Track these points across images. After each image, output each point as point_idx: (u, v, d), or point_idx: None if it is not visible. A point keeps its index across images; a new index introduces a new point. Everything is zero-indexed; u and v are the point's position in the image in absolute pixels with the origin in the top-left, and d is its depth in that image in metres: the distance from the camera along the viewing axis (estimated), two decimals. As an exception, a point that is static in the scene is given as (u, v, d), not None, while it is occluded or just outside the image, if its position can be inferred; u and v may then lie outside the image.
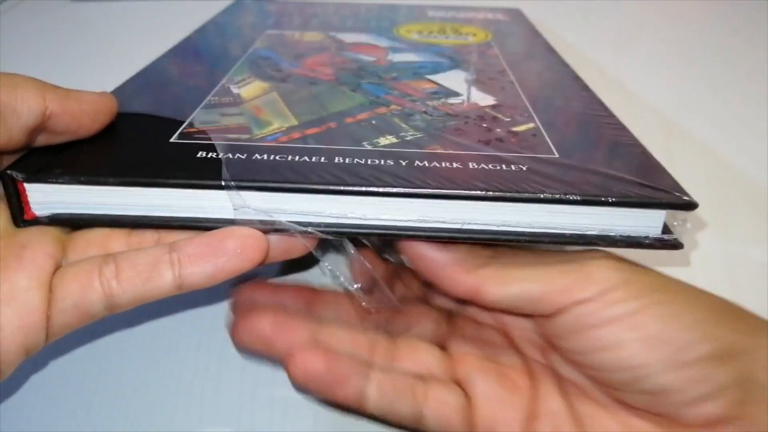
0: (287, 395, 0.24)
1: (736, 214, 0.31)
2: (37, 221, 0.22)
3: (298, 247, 0.22)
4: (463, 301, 0.25)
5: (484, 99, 0.30)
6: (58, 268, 0.21)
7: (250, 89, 0.30)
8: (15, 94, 0.20)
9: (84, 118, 0.22)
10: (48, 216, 0.22)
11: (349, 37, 0.41)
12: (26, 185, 0.21)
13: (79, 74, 0.48)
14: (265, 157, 0.23)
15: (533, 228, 0.22)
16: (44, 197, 0.22)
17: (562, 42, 0.49)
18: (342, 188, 0.21)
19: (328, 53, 0.37)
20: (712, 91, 0.45)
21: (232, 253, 0.21)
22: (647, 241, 0.22)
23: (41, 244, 0.21)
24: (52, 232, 0.22)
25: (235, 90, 0.30)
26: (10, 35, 0.53)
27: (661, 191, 0.22)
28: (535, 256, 0.22)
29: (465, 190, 0.21)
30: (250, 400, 0.25)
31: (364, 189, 0.21)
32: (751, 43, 0.52)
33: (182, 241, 0.21)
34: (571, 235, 0.22)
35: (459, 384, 0.22)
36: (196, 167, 0.22)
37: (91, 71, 0.48)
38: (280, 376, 0.25)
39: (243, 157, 0.22)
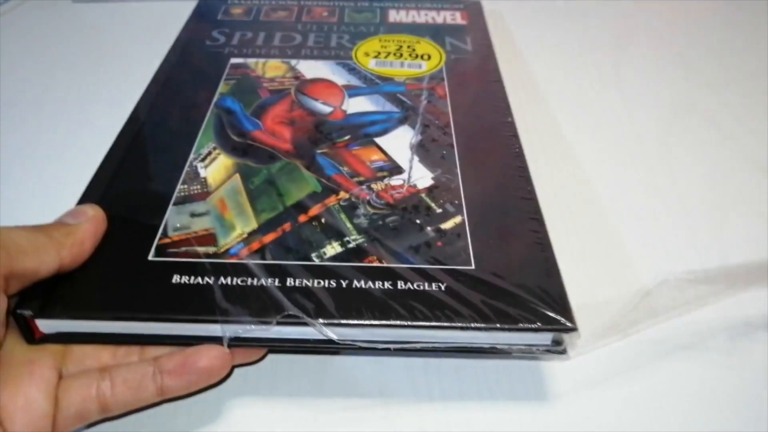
0: (285, 397, 0.28)
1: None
2: (45, 339, 0.27)
3: (255, 354, 0.28)
4: None
5: (423, 178, 0.34)
6: (60, 377, 0.26)
7: (216, 170, 0.34)
8: (39, 260, 0.24)
9: (85, 254, 0.27)
10: (54, 334, 0.27)
11: (309, 68, 0.43)
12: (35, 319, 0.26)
13: (81, 75, 0.50)
14: (229, 281, 0.27)
15: (445, 342, 0.27)
16: (50, 324, 0.27)
17: (515, 38, 0.51)
18: (292, 320, 0.26)
19: (288, 101, 0.39)
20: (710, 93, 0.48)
21: (203, 372, 0.27)
22: (539, 351, 0.28)
23: (46, 359, 0.26)
24: (52, 345, 0.27)
25: (202, 172, 0.34)
26: (11, 36, 0.54)
27: (551, 318, 0.27)
28: None
29: (395, 320, 0.26)
30: (250, 401, 0.28)
31: (314, 322, 0.26)
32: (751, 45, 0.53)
33: (163, 358, 0.27)
34: (475, 347, 0.27)
35: None
36: (175, 297, 0.27)
37: (93, 72, 0.50)
38: (279, 379, 0.29)
39: (210, 282, 0.27)
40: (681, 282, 0.31)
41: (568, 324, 0.27)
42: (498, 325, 0.26)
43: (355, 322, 0.26)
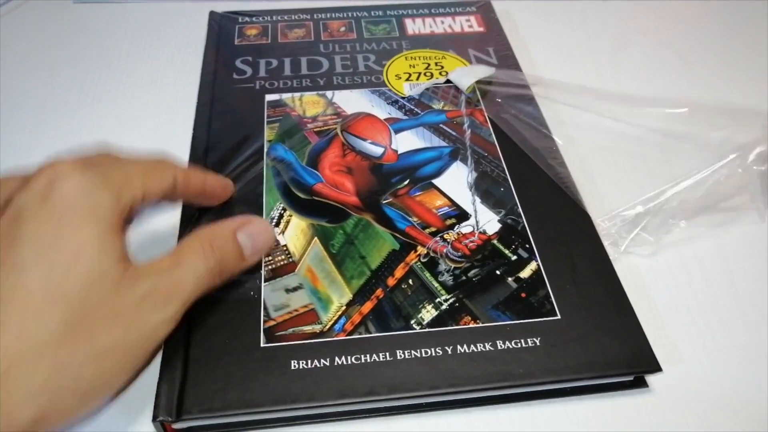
0: None
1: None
2: (178, 434, 0.29)
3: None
4: None
5: (490, 222, 0.36)
6: None
7: (294, 236, 0.35)
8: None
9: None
10: (186, 428, 0.29)
11: (346, 100, 0.43)
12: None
13: (82, 76, 0.49)
14: (344, 360, 0.29)
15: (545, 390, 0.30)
16: (182, 423, 0.28)
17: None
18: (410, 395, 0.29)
19: (338, 143, 0.40)
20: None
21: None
22: (621, 386, 0.31)
23: None
24: None
25: (281, 239, 0.35)
26: (12, 37, 0.53)
27: (638, 360, 0.30)
28: None
29: (504, 382, 0.29)
30: None
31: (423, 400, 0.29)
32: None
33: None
34: (570, 388, 0.31)
35: None
36: (299, 383, 0.28)
37: (94, 73, 0.50)
38: None
39: (327, 364, 0.29)
40: None
41: (653, 366, 0.30)
42: (596, 374, 0.30)
43: (469, 388, 0.29)
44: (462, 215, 0.36)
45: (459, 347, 0.30)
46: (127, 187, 0.27)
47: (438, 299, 0.32)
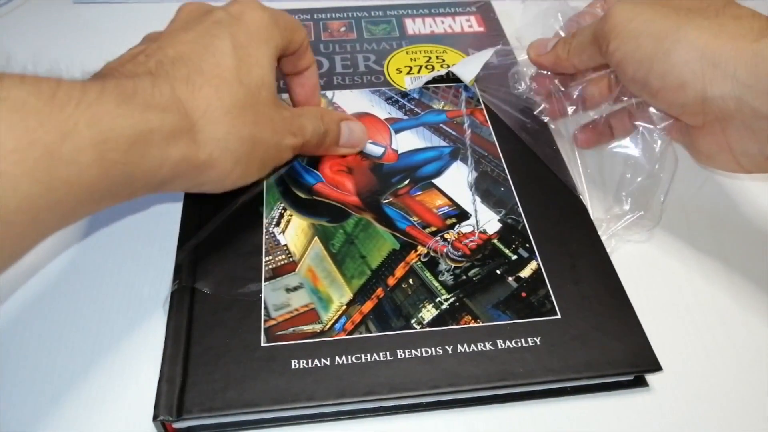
0: None
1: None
2: (177, 433, 0.29)
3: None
4: None
5: (490, 221, 0.36)
6: None
7: (294, 236, 0.35)
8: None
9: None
10: (186, 428, 0.29)
11: (347, 100, 0.43)
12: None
13: (81, 76, 0.49)
14: (344, 359, 0.29)
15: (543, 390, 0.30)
16: (183, 422, 0.28)
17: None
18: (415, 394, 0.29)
19: (338, 143, 0.40)
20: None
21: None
22: (625, 387, 0.31)
23: None
24: None
25: (281, 239, 0.35)
26: (12, 37, 0.53)
27: (638, 360, 0.30)
28: None
29: (504, 381, 0.29)
30: None
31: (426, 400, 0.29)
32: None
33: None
34: (570, 387, 0.31)
35: None
36: (299, 382, 0.28)
37: (93, 73, 0.49)
38: None
39: (328, 363, 0.29)
40: None
41: (653, 366, 0.30)
42: (596, 373, 0.30)
43: (470, 387, 0.29)
44: (462, 215, 0.36)
45: (459, 346, 0.30)
46: (286, 33, 0.34)
47: (438, 299, 0.32)
